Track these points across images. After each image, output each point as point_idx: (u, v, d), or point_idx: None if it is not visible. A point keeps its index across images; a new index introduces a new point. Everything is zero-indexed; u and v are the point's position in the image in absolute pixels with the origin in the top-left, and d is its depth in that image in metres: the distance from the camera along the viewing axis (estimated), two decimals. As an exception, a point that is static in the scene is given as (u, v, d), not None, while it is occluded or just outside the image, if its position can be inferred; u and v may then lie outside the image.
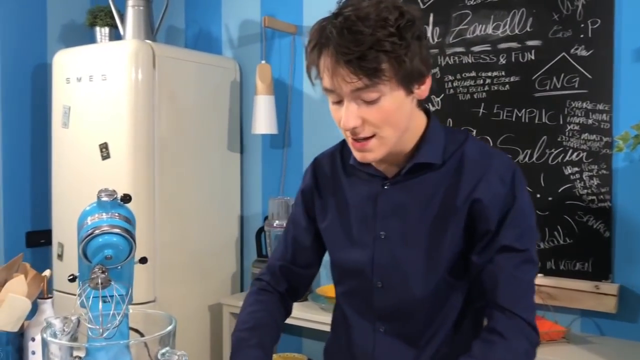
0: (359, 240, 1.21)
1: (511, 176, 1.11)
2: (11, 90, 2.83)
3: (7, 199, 2.83)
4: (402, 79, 1.03)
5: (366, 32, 0.98)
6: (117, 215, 1.15)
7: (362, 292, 1.22)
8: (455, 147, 1.15)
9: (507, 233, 1.10)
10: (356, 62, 0.99)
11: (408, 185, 1.16)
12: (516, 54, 2.24)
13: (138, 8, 2.69)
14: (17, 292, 1.16)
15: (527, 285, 1.13)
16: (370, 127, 1.06)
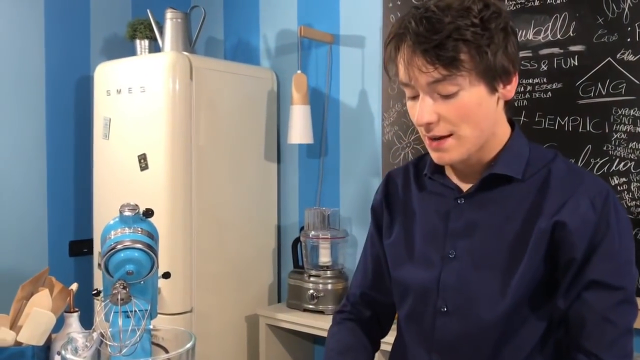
0: (425, 259, 1.11)
1: (603, 200, 0.99)
2: (56, 102, 2.90)
3: (51, 208, 2.90)
4: (484, 73, 0.96)
5: (445, 20, 0.93)
6: (140, 230, 1.15)
7: (425, 316, 1.10)
8: (541, 163, 1.05)
9: (597, 266, 0.97)
10: (433, 51, 0.93)
11: (484, 201, 1.06)
12: (558, 59, 2.16)
13: (176, 20, 2.72)
14: (41, 306, 1.17)
15: (623, 330, 0.99)
16: (447, 125, 0.98)
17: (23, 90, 2.79)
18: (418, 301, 1.12)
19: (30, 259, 2.80)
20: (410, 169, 1.21)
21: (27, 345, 1.18)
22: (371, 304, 1.26)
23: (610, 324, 0.98)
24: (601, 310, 0.98)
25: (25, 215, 2.80)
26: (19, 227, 2.78)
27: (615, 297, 0.98)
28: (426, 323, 1.10)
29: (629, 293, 1.00)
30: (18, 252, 2.77)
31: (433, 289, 1.09)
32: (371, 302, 1.26)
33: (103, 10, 3.05)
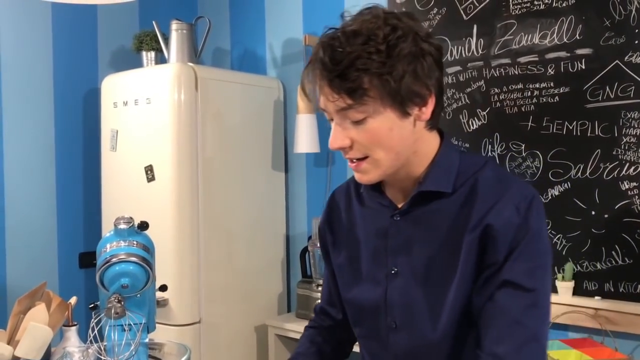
0: (371, 277, 1.12)
1: (527, 205, 0.99)
2: (64, 115, 2.92)
3: (61, 220, 2.92)
4: (390, 99, 0.95)
5: (348, 49, 0.93)
6: (135, 243, 1.14)
7: (378, 333, 1.12)
8: (469, 173, 1.05)
9: (513, 266, 0.97)
10: (337, 81, 0.94)
11: (418, 216, 1.07)
12: (565, 63, 2.13)
13: (181, 31, 2.73)
14: (38, 320, 1.17)
15: (532, 334, 0.97)
16: (361, 148, 1.00)
17: (32, 103, 2.81)
18: (370, 319, 1.14)
19: (41, 270, 2.82)
20: (351, 186, 1.21)
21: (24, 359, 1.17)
22: (329, 316, 1.29)
23: (520, 326, 0.96)
24: (512, 312, 0.96)
25: (35, 227, 2.82)
26: (29, 239, 2.80)
27: (527, 299, 0.97)
28: (381, 340, 1.12)
29: (541, 297, 0.99)
30: (28, 264, 2.78)
31: (382, 307, 1.10)
32: (329, 315, 1.29)
33: (110, 23, 3.08)
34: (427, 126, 1.05)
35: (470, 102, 2.36)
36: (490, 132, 2.30)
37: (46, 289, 1.30)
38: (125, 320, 1.09)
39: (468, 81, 2.36)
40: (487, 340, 0.97)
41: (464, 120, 2.38)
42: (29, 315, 1.18)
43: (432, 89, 1.00)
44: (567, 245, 2.13)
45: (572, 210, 2.12)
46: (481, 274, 1.00)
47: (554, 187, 2.16)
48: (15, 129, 2.76)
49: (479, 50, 2.33)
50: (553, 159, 2.16)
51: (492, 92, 2.30)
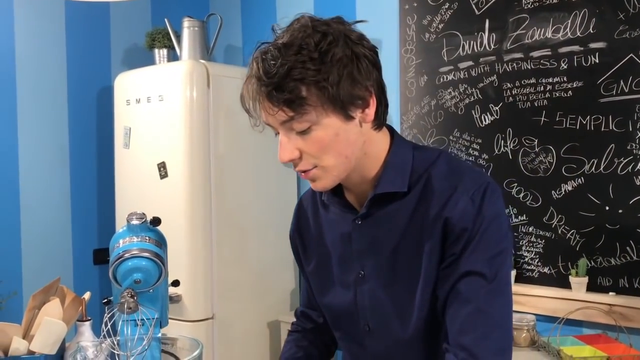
0: (341, 282, 1.12)
1: (482, 194, 0.98)
2: (78, 113, 2.95)
3: (75, 216, 2.94)
4: (331, 105, 0.94)
5: (281, 61, 0.91)
6: (148, 239, 1.15)
7: (355, 336, 1.12)
8: (423, 169, 1.04)
9: (472, 257, 0.96)
10: (274, 94, 0.92)
11: (378, 218, 1.05)
12: (579, 57, 2.11)
13: (193, 29, 2.74)
14: (53, 315, 1.18)
15: (497, 322, 0.96)
16: (309, 158, 0.98)
17: (46, 101, 2.84)
18: (347, 323, 1.14)
19: (55, 266, 2.85)
20: (317, 192, 1.20)
21: (39, 354, 1.19)
22: (311, 319, 1.29)
23: (484, 315, 0.95)
24: (474, 301, 0.96)
25: (50, 223, 2.85)
26: (44, 235, 2.82)
27: (489, 287, 0.96)
28: (358, 342, 1.12)
29: (502, 284, 0.98)
30: (43, 260, 2.81)
31: (354, 311, 1.10)
32: (310, 318, 1.29)
33: (122, 21, 3.09)
34: (374, 126, 1.03)
35: (483, 97, 2.35)
36: (502, 127, 2.29)
37: (60, 284, 1.32)
38: (138, 315, 1.10)
39: (480, 76, 2.35)
40: (452, 332, 0.97)
41: (476, 116, 2.36)
42: (44, 310, 1.19)
43: (372, 89, 0.98)
44: (580, 241, 2.12)
45: (586, 206, 2.10)
46: (443, 264, 1.00)
47: (568, 183, 2.14)
48: (30, 126, 2.78)
49: (491, 45, 2.32)
50: (566, 154, 2.14)
51: (504, 87, 2.29)
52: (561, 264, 2.17)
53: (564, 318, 2.01)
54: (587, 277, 2.08)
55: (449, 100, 2.44)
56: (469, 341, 0.94)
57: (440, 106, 2.47)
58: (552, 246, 2.18)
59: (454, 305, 0.97)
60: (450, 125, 2.44)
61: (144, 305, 1.14)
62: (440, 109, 2.47)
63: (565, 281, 2.13)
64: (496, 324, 0.96)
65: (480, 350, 0.94)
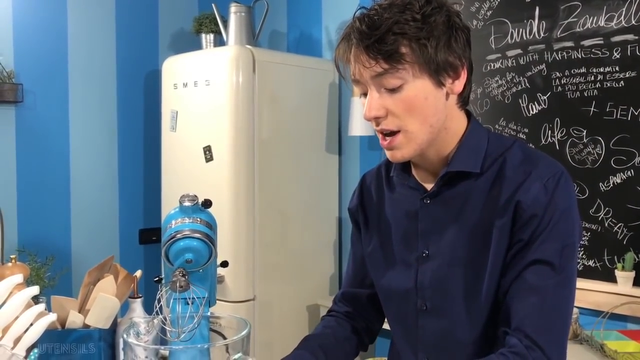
0: (402, 260, 1.13)
1: (555, 182, 0.99)
2: (126, 96, 3.02)
3: (123, 198, 3.03)
4: (426, 66, 0.96)
5: (385, 16, 0.95)
6: (199, 220, 1.18)
7: (408, 316, 1.13)
8: (497, 154, 1.05)
9: (543, 246, 0.96)
10: (374, 46, 0.95)
11: (447, 199, 1.06)
12: (632, 47, 2.05)
13: (240, 14, 2.77)
14: (107, 291, 1.23)
15: (562, 315, 0.97)
16: (394, 119, 0.99)
17: (96, 84, 2.92)
18: (401, 302, 1.14)
19: (103, 246, 2.94)
20: (382, 170, 1.21)
21: (94, 328, 1.24)
22: (352, 299, 1.27)
23: (551, 306, 0.96)
24: (542, 291, 0.96)
25: (98, 204, 2.94)
26: (92, 215, 2.92)
27: (557, 278, 0.97)
28: (410, 323, 1.12)
29: (570, 277, 0.98)
30: (91, 239, 2.91)
31: (412, 290, 1.11)
32: (352, 298, 1.27)
33: (170, 6, 3.15)
34: (458, 102, 1.05)
35: (531, 86, 2.31)
36: (550, 117, 2.25)
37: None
38: (189, 293, 1.13)
39: (529, 65, 2.31)
40: (516, 318, 0.97)
41: (523, 105, 2.33)
42: (98, 287, 1.24)
43: (465, 62, 1.01)
44: (628, 235, 2.08)
45: (634, 199, 2.06)
46: (510, 250, 1.00)
47: (616, 175, 2.10)
48: (80, 109, 2.87)
49: (541, 33, 2.28)
50: (616, 145, 2.10)
51: (553, 76, 2.25)
52: (607, 257, 2.13)
53: (609, 312, 1.98)
54: (633, 271, 2.04)
55: (496, 89, 2.41)
56: (533, 330, 0.95)
57: (487, 94, 2.44)
58: (598, 239, 2.15)
59: (520, 293, 0.97)
60: (497, 114, 2.41)
61: (194, 285, 1.17)
62: (486, 97, 2.44)
63: (611, 275, 2.09)
64: (561, 317, 0.97)
65: (544, 342, 0.95)
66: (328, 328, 1.23)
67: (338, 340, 1.20)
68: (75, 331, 1.23)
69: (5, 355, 1.12)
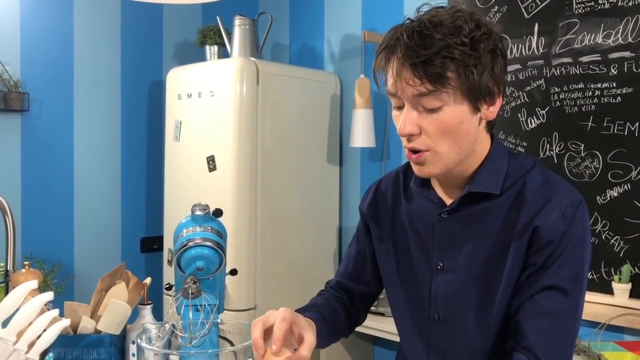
0: (416, 270, 1.16)
1: (573, 211, 1.02)
2: (130, 105, 3.05)
3: (125, 206, 3.05)
4: (468, 92, 0.98)
5: (436, 37, 0.95)
6: (210, 229, 1.22)
7: (420, 324, 1.16)
8: (518, 175, 1.07)
9: (558, 272, 1.00)
10: (421, 66, 0.95)
11: (466, 215, 1.09)
12: (629, 63, 2.10)
13: (244, 27, 2.81)
14: (119, 297, 1.26)
15: (570, 339, 1.01)
16: (427, 139, 1.00)
17: (100, 94, 2.95)
18: (414, 310, 1.17)
19: (105, 253, 2.96)
20: (400, 177, 1.23)
21: (105, 333, 1.27)
22: (345, 290, 1.31)
23: (561, 330, 1.00)
24: (554, 315, 1.00)
25: (101, 212, 2.97)
26: (95, 223, 2.94)
27: (569, 304, 1.00)
28: (422, 330, 1.15)
29: (580, 303, 1.02)
30: (94, 247, 2.93)
31: (426, 299, 1.14)
32: (345, 289, 1.31)
33: (175, 18, 3.19)
34: (488, 127, 1.08)
35: (530, 101, 2.36)
36: (549, 131, 2.30)
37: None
38: (200, 300, 1.17)
39: (528, 79, 2.36)
40: (526, 337, 1.00)
41: (522, 119, 2.38)
42: (111, 293, 1.27)
43: (502, 89, 1.03)
44: (625, 247, 2.12)
45: (631, 212, 2.10)
46: (524, 272, 1.03)
47: (613, 188, 2.14)
48: (85, 118, 2.90)
49: (540, 49, 2.33)
50: (613, 159, 2.14)
51: (552, 91, 2.29)
52: (604, 269, 2.17)
53: (606, 323, 2.02)
54: (630, 283, 2.08)
55: (495, 103, 2.46)
56: (543, 352, 0.99)
57: (486, 108, 2.48)
58: (595, 252, 2.18)
59: (532, 315, 1.01)
60: (497, 127, 2.41)
61: (205, 292, 1.21)
62: (485, 111, 2.49)
63: (608, 287, 2.13)
64: (568, 340, 1.01)
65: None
66: (331, 301, 1.27)
67: (336, 317, 1.25)
68: (87, 336, 1.26)
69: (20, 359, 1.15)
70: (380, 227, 1.23)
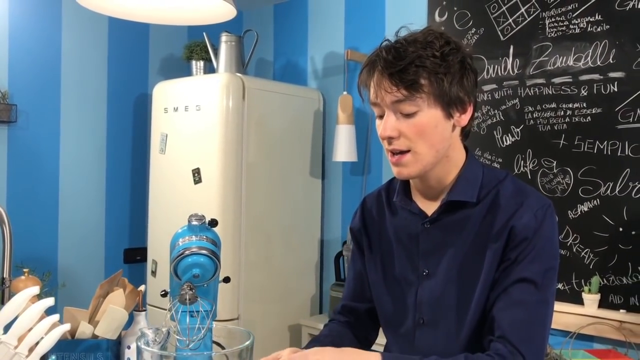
0: (403, 279, 1.24)
1: (544, 213, 1.13)
2: (116, 118, 3.10)
3: (108, 217, 3.09)
4: (440, 98, 1.09)
5: (410, 50, 1.09)
6: (205, 238, 1.28)
7: (406, 328, 1.24)
8: (492, 185, 1.18)
9: (530, 266, 1.10)
10: (397, 75, 1.08)
11: (446, 224, 1.19)
12: (598, 85, 2.22)
13: (230, 43, 2.89)
14: (116, 304, 1.31)
15: (541, 328, 1.10)
16: (406, 141, 1.12)
17: (87, 106, 2.99)
18: (401, 317, 1.26)
19: (88, 263, 2.99)
20: (382, 194, 1.34)
21: (102, 338, 1.32)
22: (351, 312, 1.39)
23: (533, 319, 1.09)
24: (526, 305, 1.09)
25: (85, 223, 3.00)
26: (79, 234, 2.97)
27: (539, 296, 1.10)
28: (408, 335, 1.24)
29: (550, 296, 1.12)
30: (78, 257, 2.96)
31: (411, 305, 1.23)
32: (351, 310, 1.39)
33: (161, 33, 3.25)
34: (461, 134, 1.19)
35: (505, 119, 2.46)
36: (523, 148, 2.41)
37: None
38: (197, 306, 1.22)
39: (503, 99, 2.47)
40: (501, 327, 1.09)
41: (497, 136, 2.48)
42: (109, 299, 1.32)
43: (472, 99, 1.15)
44: (594, 260, 2.22)
45: (600, 226, 2.21)
46: (499, 267, 1.13)
47: (583, 204, 2.25)
48: (70, 130, 2.94)
49: (515, 70, 2.44)
50: (583, 176, 2.25)
51: (526, 110, 2.41)
52: (575, 280, 2.27)
53: (576, 332, 2.11)
54: (599, 294, 2.18)
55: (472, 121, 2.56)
56: (517, 339, 1.07)
57: (464, 126, 2.59)
58: (566, 264, 2.28)
59: (506, 306, 1.10)
60: (473, 144, 2.56)
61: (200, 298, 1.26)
62: (463, 128, 2.59)
63: (578, 297, 2.23)
64: (541, 331, 1.10)
65: (525, 350, 1.07)
66: (334, 331, 1.34)
67: (343, 341, 1.31)
68: (85, 341, 1.31)
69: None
70: (370, 240, 1.33)
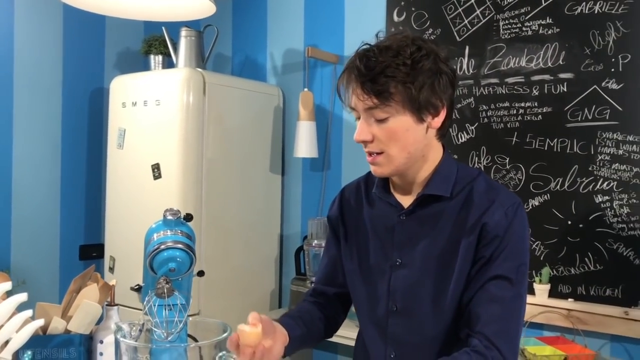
0: (377, 268, 1.30)
1: (514, 211, 1.19)
2: (71, 112, 3.04)
3: (63, 213, 3.03)
4: (410, 105, 1.15)
5: (380, 60, 1.14)
6: (180, 232, 1.29)
7: (379, 316, 1.29)
8: (466, 182, 1.24)
9: (503, 263, 1.16)
10: (368, 84, 1.14)
11: (421, 217, 1.25)
12: (549, 85, 2.34)
13: (190, 38, 2.87)
14: (90, 298, 1.31)
15: (516, 321, 1.17)
16: (379, 144, 1.19)
17: (41, 99, 2.92)
18: (374, 304, 1.31)
19: (43, 260, 2.93)
20: (361, 186, 1.40)
21: (75, 333, 1.31)
22: (321, 294, 1.46)
23: (508, 314, 1.15)
24: (501, 301, 1.15)
25: (39, 218, 2.93)
26: (33, 230, 2.90)
27: (514, 291, 1.16)
28: (381, 321, 1.30)
29: (523, 290, 1.20)
30: (32, 253, 2.89)
31: (384, 293, 1.28)
32: (321, 293, 1.46)
33: (117, 27, 3.20)
34: (437, 135, 1.24)
35: (460, 117, 2.55)
36: (477, 145, 2.50)
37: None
38: (174, 300, 1.24)
39: (458, 98, 2.56)
40: (478, 322, 1.16)
41: (453, 134, 2.57)
42: (82, 294, 1.31)
43: (445, 102, 1.20)
44: (544, 252, 2.34)
45: (550, 220, 2.33)
46: (474, 265, 1.19)
47: (535, 198, 2.36)
48: (24, 125, 2.86)
49: (470, 70, 2.53)
50: (535, 172, 2.36)
51: (480, 109, 2.50)
52: (526, 272, 2.38)
53: (528, 321, 2.22)
54: (549, 284, 2.29)
55: (429, 118, 2.64)
56: (492, 333, 1.14)
57: (421, 123, 2.66)
58: (518, 255, 2.39)
59: (482, 302, 1.16)
60: (430, 141, 2.63)
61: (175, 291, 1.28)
62: (420, 125, 2.67)
63: (530, 288, 2.34)
64: (515, 324, 1.17)
65: (500, 342, 1.13)
66: (304, 309, 1.40)
67: (313, 318, 1.37)
68: (58, 336, 1.30)
69: (-6, 359, 1.18)
70: (346, 229, 1.38)
